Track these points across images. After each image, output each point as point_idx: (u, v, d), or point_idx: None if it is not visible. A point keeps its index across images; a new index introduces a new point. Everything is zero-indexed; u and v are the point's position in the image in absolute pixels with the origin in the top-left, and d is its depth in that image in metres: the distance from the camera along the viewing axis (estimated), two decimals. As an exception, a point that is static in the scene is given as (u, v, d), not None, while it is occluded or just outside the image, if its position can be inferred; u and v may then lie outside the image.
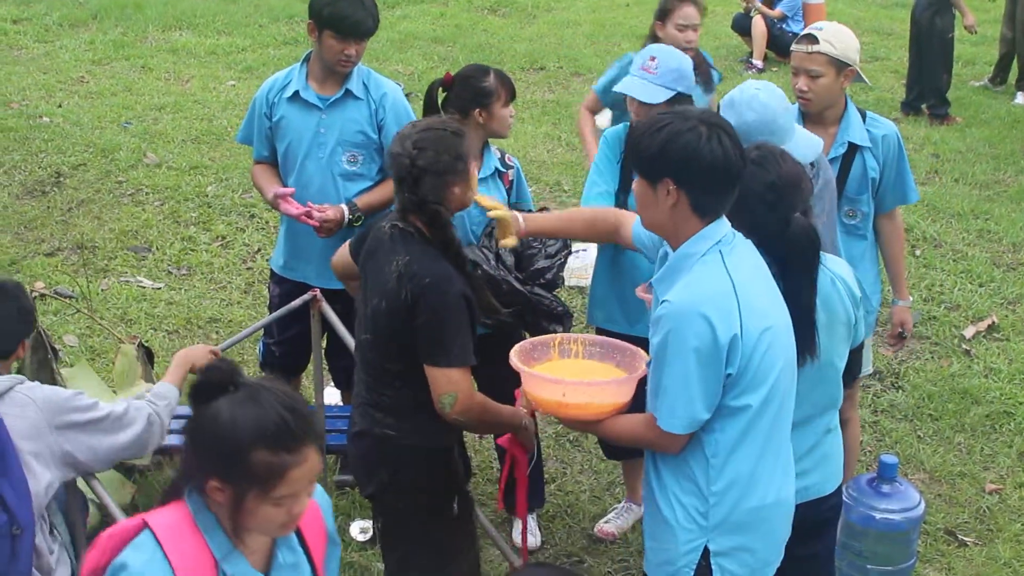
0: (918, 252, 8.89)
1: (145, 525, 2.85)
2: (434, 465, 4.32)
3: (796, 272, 3.80)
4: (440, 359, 4.05)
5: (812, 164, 4.55)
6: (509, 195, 5.34)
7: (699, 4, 6.54)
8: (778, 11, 13.71)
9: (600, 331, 5.51)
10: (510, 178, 5.38)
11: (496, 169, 5.33)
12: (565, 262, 5.13)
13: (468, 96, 5.18)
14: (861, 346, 4.28)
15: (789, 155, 3.96)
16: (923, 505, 5.25)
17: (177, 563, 2.80)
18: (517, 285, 4.96)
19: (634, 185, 3.67)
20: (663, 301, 3.53)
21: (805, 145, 4.53)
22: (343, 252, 4.60)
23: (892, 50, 13.98)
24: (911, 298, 5.87)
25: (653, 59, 5.14)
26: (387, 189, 5.42)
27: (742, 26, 13.95)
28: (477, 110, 5.18)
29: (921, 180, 10.38)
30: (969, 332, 7.76)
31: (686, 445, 3.60)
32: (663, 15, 6.48)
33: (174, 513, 2.89)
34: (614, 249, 5.28)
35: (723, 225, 3.58)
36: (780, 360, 3.56)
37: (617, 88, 5.31)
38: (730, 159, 3.48)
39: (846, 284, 4.05)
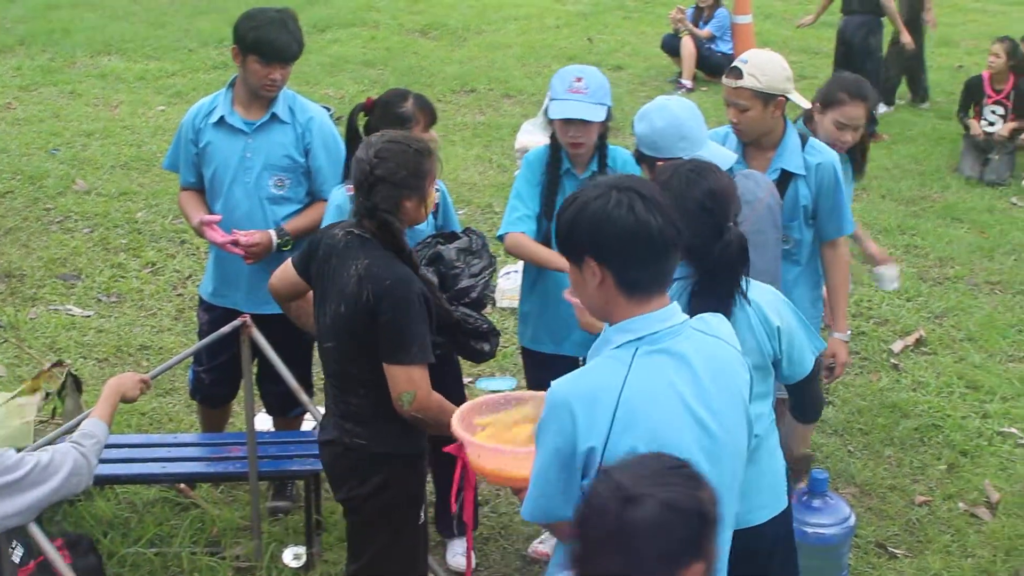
0: (846, 268, 8.99)
1: None
2: (403, 473, 4.40)
3: (721, 282, 3.75)
4: (401, 357, 4.17)
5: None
6: (435, 219, 5.34)
7: (870, 102, 5.87)
8: (707, 31, 13.83)
9: (526, 351, 5.53)
10: (435, 201, 5.38)
11: None
12: (489, 280, 5.11)
13: (387, 121, 5.14)
14: (809, 383, 4.16)
15: (721, 170, 3.96)
16: (853, 519, 5.33)
17: None
18: (443, 304, 4.98)
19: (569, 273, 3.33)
20: (551, 384, 3.15)
21: (716, 159, 4.52)
22: (284, 272, 4.60)
23: (820, 68, 14.10)
24: (849, 332, 5.86)
25: (580, 79, 5.10)
26: (315, 213, 5.42)
27: (671, 47, 14.05)
28: None
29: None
30: (897, 347, 7.85)
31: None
32: (826, 104, 5.72)
33: None
34: (538, 270, 5.30)
35: (659, 319, 3.13)
36: None
37: (553, 115, 5.16)
38: (645, 224, 3.06)
39: (761, 312, 3.94)
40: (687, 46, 13.72)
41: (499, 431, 4.02)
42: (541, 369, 5.44)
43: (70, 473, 3.83)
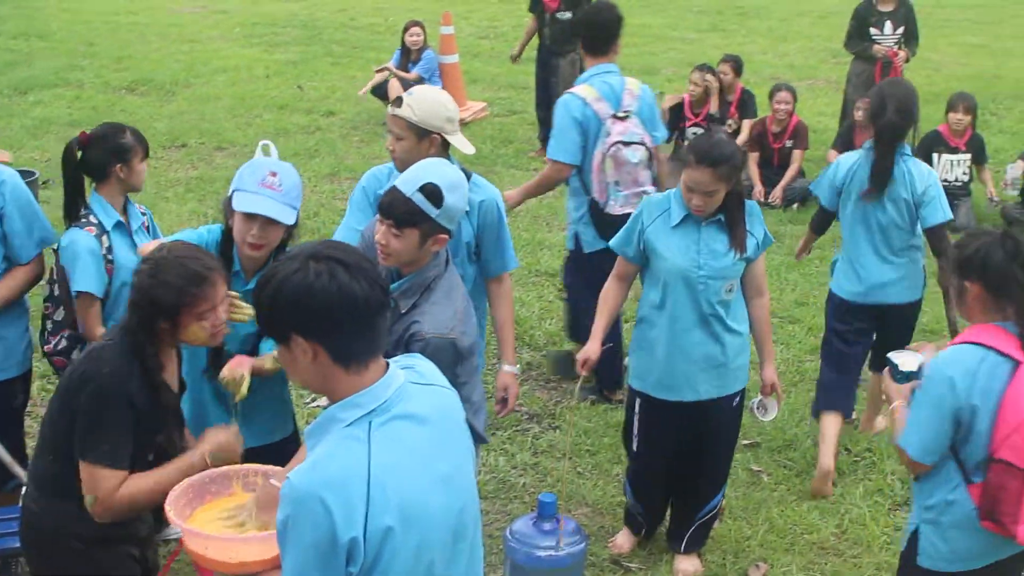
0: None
1: None
2: (69, 555, 4.14)
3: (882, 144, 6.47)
4: (88, 454, 3.95)
5: None
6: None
7: (725, 169, 5.32)
8: (414, 73, 13.91)
9: None
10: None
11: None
12: None
13: (108, 153, 5.34)
14: (937, 229, 6.52)
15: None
16: (586, 539, 5.43)
17: None
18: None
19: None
20: (288, 477, 2.97)
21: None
22: None
23: (528, 103, 14.42)
24: (518, 366, 5.86)
25: (275, 175, 4.74)
26: (13, 279, 5.30)
27: (380, 91, 14.09)
28: (119, 166, 5.34)
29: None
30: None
31: None
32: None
33: None
34: None
35: (384, 387, 3.06)
36: (410, 561, 2.99)
37: (238, 206, 4.72)
38: (349, 293, 2.97)
39: (911, 175, 6.47)
40: (395, 89, 13.78)
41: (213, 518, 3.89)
42: None
43: None
